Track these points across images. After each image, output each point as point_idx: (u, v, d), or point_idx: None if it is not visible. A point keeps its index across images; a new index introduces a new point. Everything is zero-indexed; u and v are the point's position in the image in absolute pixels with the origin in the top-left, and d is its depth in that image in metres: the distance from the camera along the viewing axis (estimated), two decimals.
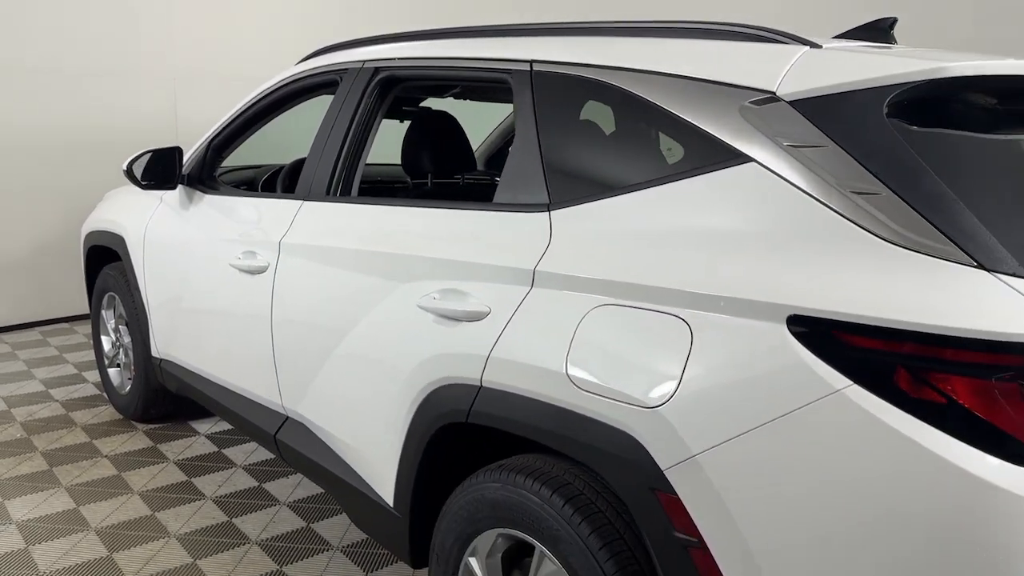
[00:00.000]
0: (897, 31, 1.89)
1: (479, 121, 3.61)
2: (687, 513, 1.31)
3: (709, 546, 1.30)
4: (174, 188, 3.05)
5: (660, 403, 1.34)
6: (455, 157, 2.62)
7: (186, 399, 3.28)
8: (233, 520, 2.80)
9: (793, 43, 1.50)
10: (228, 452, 3.39)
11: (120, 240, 3.41)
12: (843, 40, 1.81)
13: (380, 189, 3.27)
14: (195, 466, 3.24)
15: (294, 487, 3.06)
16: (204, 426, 3.66)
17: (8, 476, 3.11)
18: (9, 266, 5.24)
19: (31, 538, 2.66)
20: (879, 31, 1.83)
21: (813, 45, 1.49)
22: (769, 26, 1.58)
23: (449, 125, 2.65)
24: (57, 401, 3.96)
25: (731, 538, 1.28)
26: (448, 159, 2.63)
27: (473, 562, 1.75)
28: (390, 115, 2.89)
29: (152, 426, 3.64)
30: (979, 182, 1.28)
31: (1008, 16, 3.65)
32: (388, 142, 2.70)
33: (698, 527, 1.31)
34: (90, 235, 3.75)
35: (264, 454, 3.36)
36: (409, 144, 2.58)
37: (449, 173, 2.81)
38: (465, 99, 3.24)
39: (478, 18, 5.89)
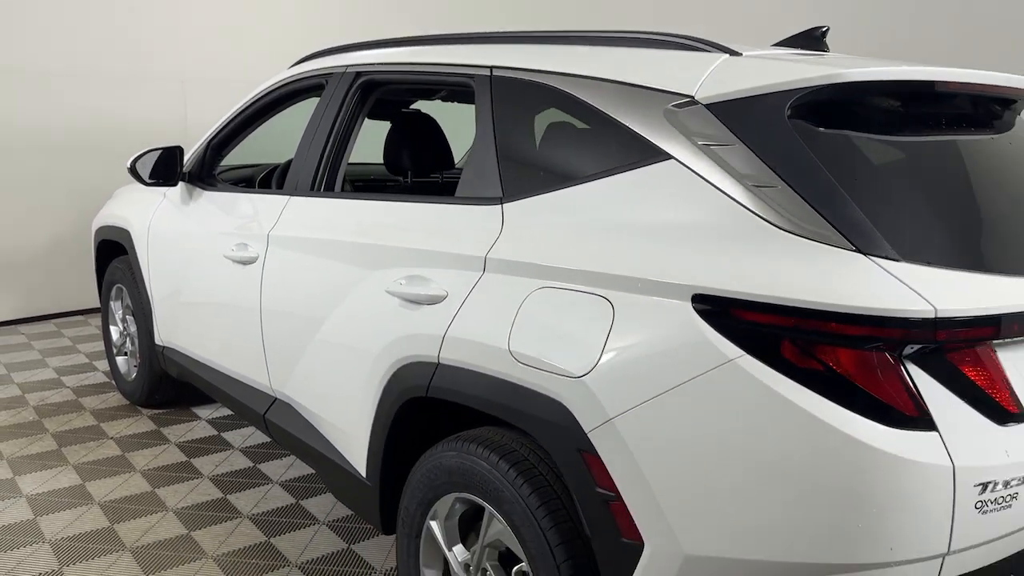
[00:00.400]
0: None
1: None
2: (606, 470, 1.47)
3: (625, 500, 1.46)
4: (175, 185, 3.23)
5: (584, 372, 1.50)
6: (433, 156, 2.78)
7: (189, 386, 3.47)
8: (228, 497, 2.99)
9: (715, 51, 1.66)
10: (227, 435, 3.57)
11: (126, 234, 3.61)
12: (778, 48, 1.96)
13: (366, 186, 3.45)
14: (195, 448, 3.43)
15: (287, 467, 3.24)
16: (205, 411, 3.86)
17: (20, 455, 3.32)
18: (26, 261, 5.48)
19: (39, 510, 2.86)
20: (813, 39, 1.98)
21: (733, 53, 1.64)
22: (697, 36, 1.73)
23: (428, 126, 2.81)
24: (68, 388, 4.17)
25: (643, 492, 1.43)
26: (426, 158, 2.80)
27: (434, 525, 1.92)
28: (380, 117, 3.07)
29: (156, 411, 3.84)
30: (865, 176, 1.43)
31: (990, 29, 3.75)
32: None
33: (615, 483, 1.46)
34: (99, 230, 3.96)
35: (261, 437, 3.54)
36: (390, 144, 2.75)
37: (428, 171, 2.97)
38: (452, 102, 3.40)
39: (477, 20, 6.06)
